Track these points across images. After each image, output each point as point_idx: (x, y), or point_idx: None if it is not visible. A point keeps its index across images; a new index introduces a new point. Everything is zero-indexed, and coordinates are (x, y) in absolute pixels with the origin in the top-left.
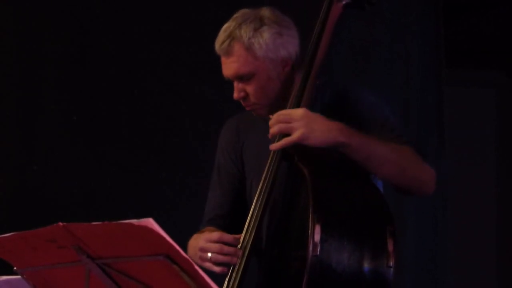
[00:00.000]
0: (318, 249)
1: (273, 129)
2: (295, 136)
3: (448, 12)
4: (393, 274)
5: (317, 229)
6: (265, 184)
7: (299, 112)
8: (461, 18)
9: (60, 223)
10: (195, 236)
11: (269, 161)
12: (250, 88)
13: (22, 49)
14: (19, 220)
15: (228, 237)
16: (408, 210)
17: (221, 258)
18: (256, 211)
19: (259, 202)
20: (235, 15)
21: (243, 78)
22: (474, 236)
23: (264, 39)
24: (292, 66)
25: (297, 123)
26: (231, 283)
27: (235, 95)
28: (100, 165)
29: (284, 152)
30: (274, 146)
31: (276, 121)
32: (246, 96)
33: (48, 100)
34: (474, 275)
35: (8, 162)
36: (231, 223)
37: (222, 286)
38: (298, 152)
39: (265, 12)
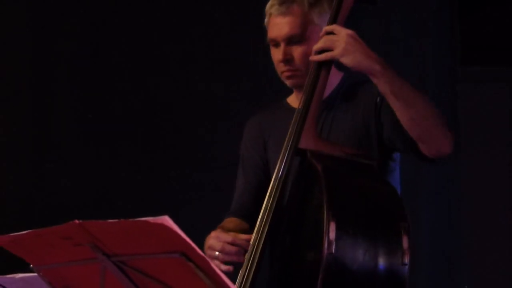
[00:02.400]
0: (333, 247)
1: (319, 44)
2: (336, 51)
3: (463, 7)
4: (407, 271)
5: (332, 226)
6: (277, 180)
7: (347, 31)
8: (476, 14)
9: (76, 221)
10: (229, 220)
11: (281, 156)
12: (297, 52)
13: (36, 48)
14: (34, 218)
15: (236, 237)
16: (423, 207)
17: (227, 257)
18: (268, 207)
19: (271, 198)
20: None
21: (294, 40)
22: (490, 234)
23: (324, 8)
24: None
25: (341, 40)
26: (243, 281)
27: (281, 57)
28: (114, 163)
29: (297, 147)
30: (314, 57)
31: (323, 35)
32: (291, 59)
33: (63, 99)
34: (489, 274)
35: (23, 160)
36: (255, 212)
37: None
38: (311, 149)
39: None
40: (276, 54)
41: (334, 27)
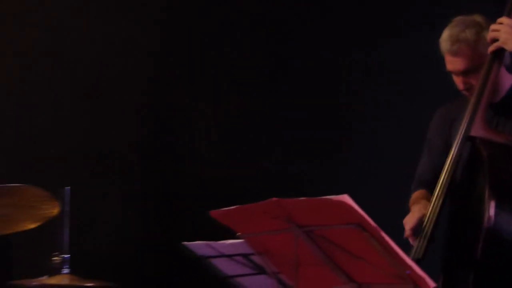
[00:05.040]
0: (492, 221)
1: (489, 34)
2: (500, 40)
3: None
4: None
5: (492, 204)
6: (451, 161)
7: (509, 21)
8: None
9: (274, 198)
10: (415, 194)
11: (455, 141)
12: (474, 80)
13: (195, 54)
14: (237, 196)
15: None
16: None
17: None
18: (443, 184)
19: (445, 176)
20: (454, 22)
21: (469, 72)
22: None
23: (486, 39)
24: None
25: (503, 30)
26: (418, 247)
27: (461, 86)
28: (289, 153)
29: (468, 135)
30: (489, 48)
31: (490, 31)
32: (470, 86)
33: (204, 101)
34: None
35: (216, 156)
36: (434, 185)
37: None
38: (479, 136)
39: (479, 18)
40: (457, 81)
41: (500, 20)
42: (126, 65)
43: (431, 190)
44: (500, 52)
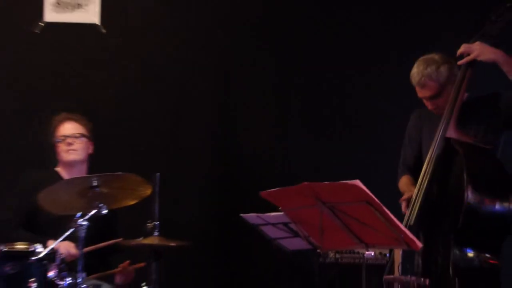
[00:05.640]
0: (471, 199)
1: (460, 49)
2: (474, 53)
3: None
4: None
5: (470, 187)
6: (433, 155)
7: (477, 42)
8: None
9: (305, 183)
10: (403, 179)
11: (434, 139)
12: (440, 102)
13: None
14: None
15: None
16: None
17: (403, 207)
18: (427, 171)
19: (429, 167)
20: (419, 61)
21: (435, 98)
22: None
23: (443, 72)
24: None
25: (475, 48)
26: (409, 217)
27: (430, 107)
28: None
29: (445, 136)
30: (461, 62)
31: (462, 47)
32: (437, 107)
33: (296, 104)
34: None
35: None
36: (416, 170)
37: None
38: (453, 137)
39: (437, 56)
40: (426, 104)
41: (465, 45)
42: (199, 79)
43: (413, 172)
44: (472, 63)
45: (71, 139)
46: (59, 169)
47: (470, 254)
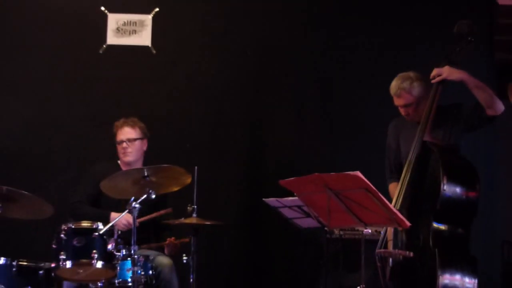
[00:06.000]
0: (446, 189)
1: (433, 73)
2: (445, 74)
3: None
4: (478, 202)
5: (445, 178)
6: (412, 157)
7: (446, 66)
8: None
9: (316, 173)
10: (391, 187)
11: (413, 143)
12: (411, 110)
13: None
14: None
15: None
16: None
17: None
18: (407, 170)
19: (409, 164)
20: (398, 77)
21: (408, 106)
22: None
23: (415, 87)
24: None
25: (444, 70)
26: (396, 200)
27: (403, 114)
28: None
29: (422, 139)
30: (434, 80)
31: (434, 70)
32: (409, 113)
33: (310, 110)
34: None
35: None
36: (398, 173)
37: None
38: (429, 140)
39: (412, 73)
40: (401, 111)
41: (437, 69)
42: (234, 93)
43: (398, 175)
44: (442, 81)
45: (126, 143)
46: (120, 162)
47: (446, 228)
